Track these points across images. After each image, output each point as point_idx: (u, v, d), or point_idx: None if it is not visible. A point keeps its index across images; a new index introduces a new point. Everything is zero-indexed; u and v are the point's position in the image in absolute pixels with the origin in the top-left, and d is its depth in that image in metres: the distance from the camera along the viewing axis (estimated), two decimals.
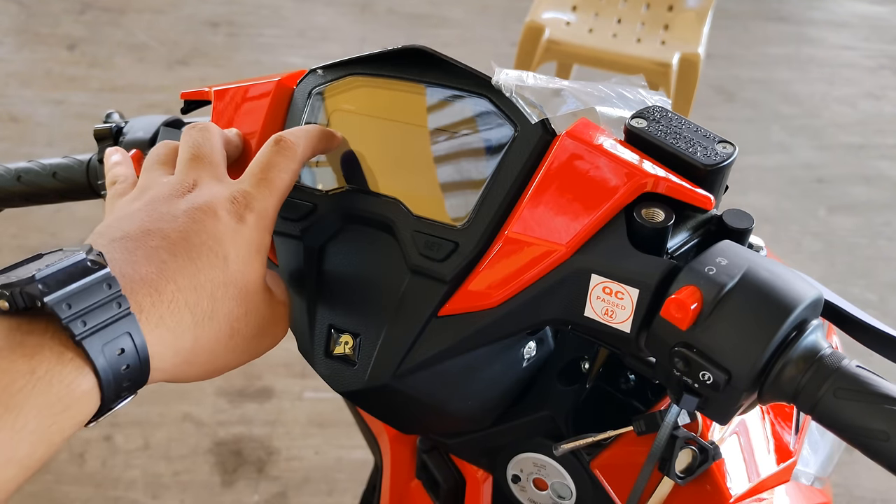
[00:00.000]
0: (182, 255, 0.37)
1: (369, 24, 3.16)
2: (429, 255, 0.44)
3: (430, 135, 0.47)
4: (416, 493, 0.62)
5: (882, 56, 3.25)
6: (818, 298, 0.38)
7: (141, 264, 0.36)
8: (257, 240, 0.41)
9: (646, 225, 0.39)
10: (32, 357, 0.31)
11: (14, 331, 0.32)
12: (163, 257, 0.37)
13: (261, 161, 0.43)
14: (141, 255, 0.36)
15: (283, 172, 0.43)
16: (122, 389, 0.34)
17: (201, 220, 0.39)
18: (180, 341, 0.36)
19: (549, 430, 0.52)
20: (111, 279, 0.33)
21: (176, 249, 0.37)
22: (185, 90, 0.58)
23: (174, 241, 0.38)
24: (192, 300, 0.37)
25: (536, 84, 0.46)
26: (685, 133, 0.43)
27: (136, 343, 0.33)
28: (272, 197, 0.42)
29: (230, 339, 0.39)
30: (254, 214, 0.41)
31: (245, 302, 0.40)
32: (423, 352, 0.44)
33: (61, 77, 2.69)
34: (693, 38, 2.07)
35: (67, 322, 0.31)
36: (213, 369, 0.40)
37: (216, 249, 0.38)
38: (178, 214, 0.39)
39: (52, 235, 2.06)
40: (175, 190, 0.41)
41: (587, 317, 0.41)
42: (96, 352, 0.32)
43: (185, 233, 0.38)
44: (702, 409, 0.39)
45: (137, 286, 0.35)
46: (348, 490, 1.55)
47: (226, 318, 0.39)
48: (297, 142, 0.44)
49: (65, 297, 0.32)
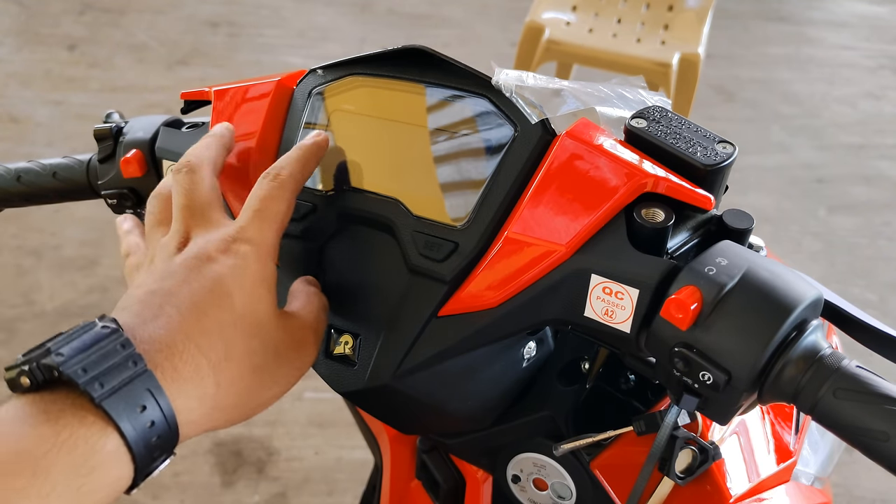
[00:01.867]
0: (186, 305, 0.37)
1: (369, 24, 3.16)
2: (429, 256, 0.44)
3: (430, 135, 0.47)
4: (416, 493, 0.62)
5: (882, 56, 3.25)
6: (818, 298, 0.38)
7: (149, 323, 0.36)
8: (258, 271, 0.40)
9: (646, 225, 0.39)
10: (56, 423, 0.31)
11: (37, 403, 0.32)
12: (169, 312, 0.37)
13: (253, 196, 0.43)
14: (149, 314, 0.37)
15: (276, 201, 0.42)
16: (153, 448, 0.34)
17: (198, 267, 0.39)
18: (202, 388, 0.36)
19: (549, 430, 0.52)
20: (125, 341, 0.34)
21: (180, 301, 0.37)
22: (185, 90, 0.58)
23: (177, 294, 0.38)
24: (205, 345, 0.37)
25: (536, 84, 0.46)
26: (685, 133, 0.43)
27: (157, 399, 0.34)
28: (267, 226, 0.42)
29: (253, 374, 0.39)
30: (250, 246, 0.40)
31: (259, 335, 0.39)
32: (423, 352, 0.44)
33: (61, 77, 2.69)
34: (693, 38, 2.07)
35: (85, 386, 0.32)
36: (250, 408, 0.40)
37: (217, 290, 0.38)
38: (176, 269, 0.39)
39: (52, 235, 2.07)
40: (171, 248, 0.41)
41: (587, 317, 0.41)
42: (118, 412, 0.32)
43: (185, 283, 0.38)
44: (702, 409, 0.39)
45: (149, 344, 0.35)
46: (348, 490, 1.55)
47: (244, 356, 0.38)
48: (282, 171, 0.44)
49: (80, 362, 0.32)
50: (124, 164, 0.57)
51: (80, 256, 2.02)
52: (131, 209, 0.60)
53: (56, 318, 1.84)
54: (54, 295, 1.91)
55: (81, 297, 1.91)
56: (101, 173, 0.61)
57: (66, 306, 1.88)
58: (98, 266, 1.99)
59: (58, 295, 1.91)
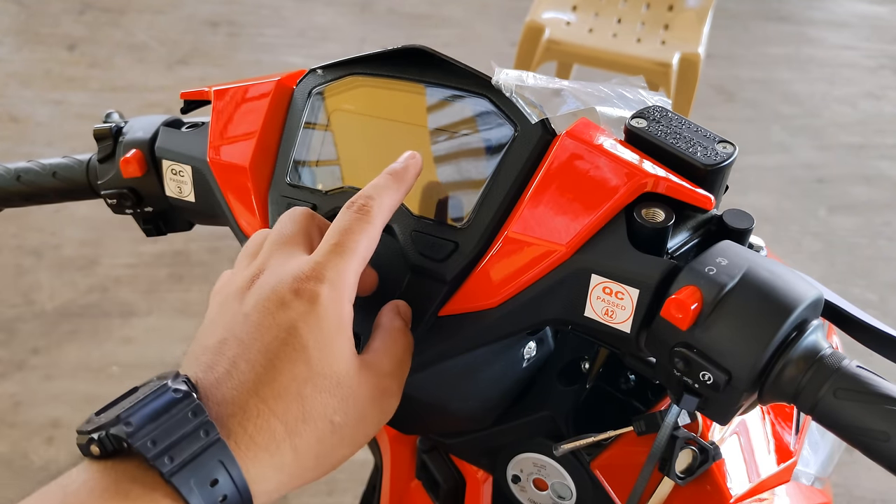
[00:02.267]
0: (259, 360, 0.34)
1: (369, 24, 3.16)
2: (429, 255, 0.44)
3: (430, 135, 0.47)
4: (416, 493, 0.62)
5: (882, 56, 3.25)
6: (818, 298, 0.38)
7: (223, 382, 0.34)
8: (335, 315, 0.36)
9: (646, 225, 0.39)
10: (126, 497, 0.30)
11: (106, 474, 0.31)
12: (241, 368, 0.34)
13: (334, 228, 0.39)
14: (221, 370, 0.34)
15: (359, 235, 0.38)
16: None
17: (271, 311, 0.36)
18: (278, 456, 0.34)
19: (549, 430, 0.52)
20: (196, 407, 0.32)
21: (251, 355, 0.35)
22: (185, 90, 0.58)
23: (248, 346, 0.35)
24: (280, 408, 0.34)
25: (536, 84, 0.46)
26: (685, 133, 0.43)
27: (229, 471, 0.32)
28: (346, 263, 0.38)
29: (332, 434, 0.36)
30: (326, 286, 0.36)
31: (339, 391, 0.36)
32: (422, 352, 0.44)
33: (61, 77, 2.69)
34: (693, 37, 2.07)
35: (154, 460, 0.30)
36: (326, 469, 0.37)
37: (291, 343, 0.35)
38: (249, 312, 0.36)
39: (52, 235, 2.07)
40: (244, 283, 0.38)
41: (587, 317, 0.41)
42: (188, 488, 0.30)
43: (258, 333, 0.35)
44: (702, 409, 0.39)
45: (221, 408, 0.33)
46: (348, 490, 1.55)
47: (321, 416, 0.35)
48: (369, 201, 0.40)
49: (149, 433, 0.31)
50: (124, 163, 0.57)
51: (80, 256, 2.02)
52: (131, 209, 0.60)
53: (56, 317, 1.84)
54: (54, 294, 1.91)
55: (81, 296, 1.91)
56: (100, 173, 0.61)
57: (66, 306, 1.88)
58: (98, 266, 1.99)
59: (58, 294, 1.91)
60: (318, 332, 0.36)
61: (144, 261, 2.01)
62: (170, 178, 0.57)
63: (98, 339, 1.79)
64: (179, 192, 0.57)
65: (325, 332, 0.36)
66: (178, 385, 0.33)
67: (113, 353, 1.76)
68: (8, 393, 1.66)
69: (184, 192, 0.57)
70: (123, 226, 2.01)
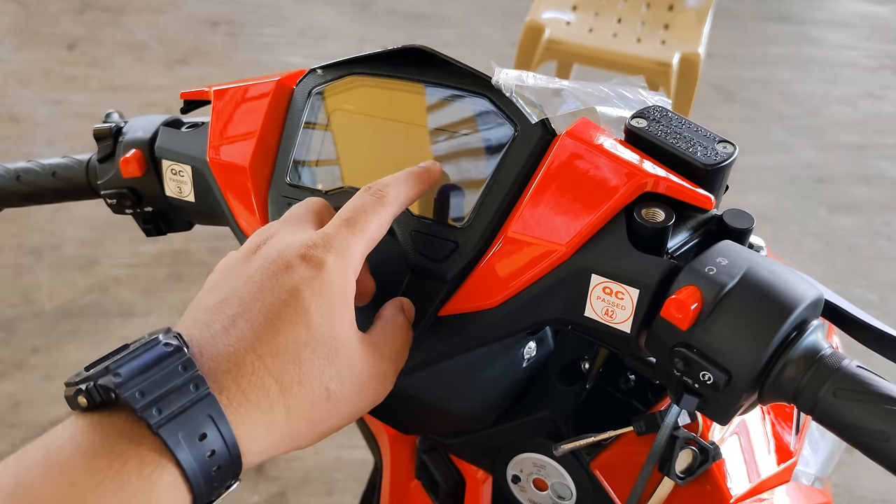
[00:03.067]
0: (259, 319, 0.34)
1: (369, 24, 3.16)
2: (429, 255, 0.44)
3: (429, 134, 0.47)
4: (415, 493, 0.62)
5: (882, 56, 3.25)
6: (818, 298, 0.38)
7: (219, 338, 0.34)
8: (339, 285, 0.36)
9: (646, 225, 0.39)
10: (110, 452, 0.29)
11: (92, 428, 0.30)
12: (240, 325, 0.34)
13: (348, 206, 0.40)
14: (219, 327, 0.34)
15: (371, 215, 0.39)
16: (212, 479, 0.31)
17: (275, 273, 0.36)
18: (270, 415, 0.33)
19: (549, 430, 0.52)
20: (187, 361, 0.32)
21: (252, 314, 0.35)
22: (185, 90, 0.58)
23: (249, 305, 0.35)
24: (276, 368, 0.34)
25: (536, 84, 0.46)
26: (685, 133, 0.43)
27: (219, 427, 0.31)
28: (356, 238, 0.38)
29: (327, 402, 0.36)
30: (332, 254, 0.36)
31: (337, 358, 0.36)
32: (422, 352, 0.44)
33: (61, 77, 2.69)
34: (693, 37, 2.07)
35: (142, 412, 0.30)
36: (316, 436, 0.37)
37: (294, 304, 0.35)
38: (252, 273, 0.36)
39: (52, 235, 2.07)
40: (250, 248, 0.38)
41: (587, 317, 0.41)
42: (175, 441, 0.30)
43: (260, 294, 0.35)
44: (702, 409, 0.39)
45: (216, 364, 0.33)
46: (348, 490, 1.55)
47: (317, 380, 0.35)
48: (386, 188, 0.41)
49: (138, 384, 0.30)
50: (124, 163, 0.57)
51: (80, 256, 2.02)
52: (131, 209, 0.60)
53: (55, 317, 1.84)
54: (54, 294, 1.91)
55: (81, 296, 1.91)
56: (100, 173, 0.61)
57: (66, 306, 1.88)
58: (97, 265, 1.99)
59: (57, 294, 1.91)
60: (322, 298, 0.36)
61: (144, 260, 2.01)
62: (169, 178, 0.57)
63: (98, 339, 1.79)
64: (179, 191, 0.57)
65: (328, 299, 0.36)
66: (169, 339, 0.32)
67: None
68: (8, 393, 1.66)
69: (183, 192, 0.57)
70: (123, 226, 2.01)
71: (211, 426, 0.31)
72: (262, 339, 0.34)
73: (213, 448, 0.31)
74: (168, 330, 0.33)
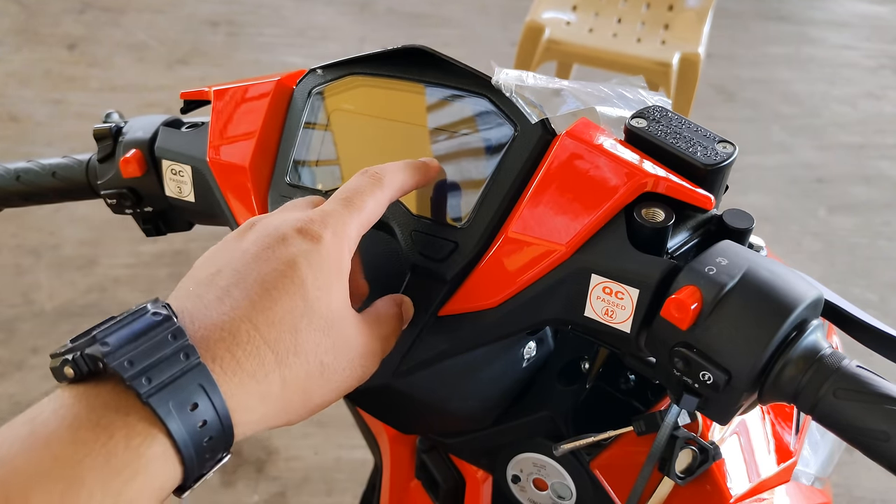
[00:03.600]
0: (255, 289, 0.34)
1: (369, 24, 3.16)
2: (428, 255, 0.44)
3: (429, 134, 0.47)
4: (415, 493, 0.62)
5: (882, 56, 3.25)
6: (818, 298, 0.38)
7: (212, 307, 0.33)
8: (335, 259, 0.36)
9: (646, 225, 0.39)
10: (97, 424, 0.29)
11: (78, 400, 0.29)
12: (234, 295, 0.34)
13: (345, 187, 0.40)
14: (212, 297, 0.34)
15: (368, 197, 0.39)
16: (204, 450, 0.31)
17: (271, 246, 0.36)
18: (265, 385, 0.33)
19: (549, 430, 0.52)
20: (176, 330, 0.31)
21: (248, 284, 0.34)
22: (185, 90, 0.58)
23: (244, 275, 0.34)
24: (272, 337, 0.33)
25: (536, 84, 0.46)
26: (685, 133, 0.43)
27: (210, 396, 0.31)
28: (352, 217, 0.38)
29: (321, 375, 0.36)
30: (329, 231, 0.37)
31: (332, 331, 0.36)
32: (422, 351, 0.44)
33: (61, 77, 2.69)
34: (693, 37, 2.07)
35: (131, 381, 0.29)
36: (309, 409, 0.36)
37: (290, 275, 0.35)
38: (248, 247, 0.36)
39: (51, 235, 2.07)
40: (244, 227, 0.38)
41: (587, 317, 0.41)
42: (165, 410, 0.29)
43: (255, 264, 0.35)
44: (702, 409, 0.39)
45: (210, 333, 0.32)
46: (348, 490, 1.55)
47: (313, 352, 0.35)
48: (383, 172, 0.41)
49: (126, 353, 0.30)
50: (124, 163, 0.57)
51: (79, 256, 2.02)
52: (131, 209, 0.60)
53: (55, 317, 1.84)
54: (53, 294, 1.91)
55: (80, 296, 1.91)
56: (100, 173, 0.61)
57: (66, 306, 1.88)
58: (97, 265, 1.99)
59: (57, 294, 1.91)
60: (319, 271, 0.36)
61: (144, 261, 2.01)
62: (169, 178, 0.57)
63: None
64: (179, 191, 0.57)
65: (324, 272, 0.36)
66: (158, 309, 0.32)
67: None
68: (8, 393, 1.66)
69: (183, 192, 0.57)
70: (123, 226, 2.01)
71: (202, 396, 0.31)
72: (258, 308, 0.33)
73: (205, 418, 0.31)
74: (156, 300, 0.33)
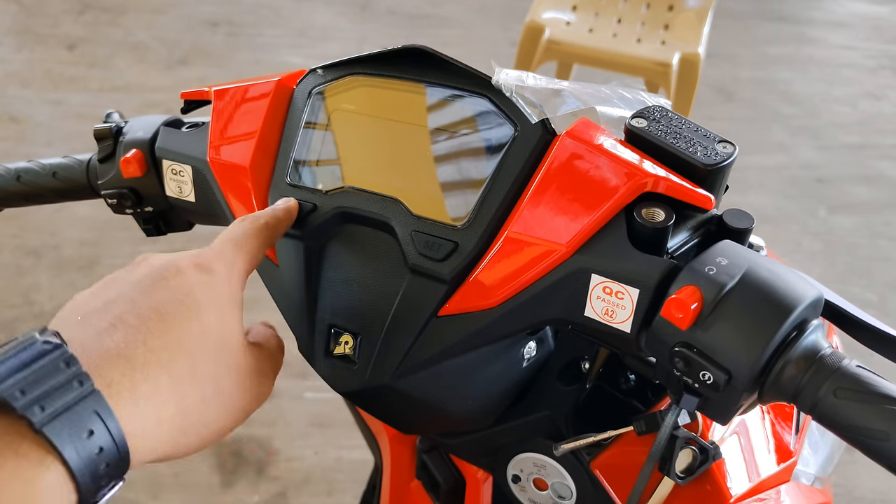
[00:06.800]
0: (150, 315, 0.34)
1: (369, 24, 3.16)
2: (428, 255, 0.44)
3: (430, 134, 0.47)
4: (416, 493, 0.62)
5: (882, 56, 3.25)
6: (818, 298, 0.38)
7: (106, 334, 0.33)
8: (229, 292, 0.38)
9: (646, 225, 0.39)
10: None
11: None
12: (129, 322, 0.34)
13: (229, 229, 0.42)
14: (104, 325, 0.33)
15: (251, 237, 0.42)
16: (100, 476, 0.30)
17: (166, 276, 0.36)
18: (162, 409, 0.33)
19: (549, 430, 0.52)
20: (69, 357, 0.30)
21: (142, 310, 0.34)
22: (185, 90, 0.58)
23: (138, 303, 0.35)
24: (167, 359, 0.33)
25: (536, 84, 0.46)
26: (685, 133, 0.43)
27: (105, 422, 0.30)
28: (240, 256, 0.40)
29: (217, 397, 0.36)
30: (222, 264, 0.38)
31: (226, 356, 0.37)
32: (422, 351, 0.44)
33: (61, 77, 2.69)
34: (693, 38, 2.07)
35: (23, 410, 0.28)
36: (209, 435, 0.36)
37: (186, 302, 0.35)
38: (141, 278, 0.36)
39: (52, 235, 2.07)
40: (132, 264, 0.39)
41: (587, 316, 0.41)
42: (60, 438, 0.29)
43: (149, 294, 0.35)
44: (702, 409, 0.39)
45: (103, 359, 0.32)
46: (348, 490, 1.55)
47: (209, 375, 0.35)
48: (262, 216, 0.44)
49: (18, 383, 0.29)
50: (124, 163, 0.57)
51: (80, 256, 2.02)
52: (131, 209, 0.60)
53: None
54: (54, 295, 1.91)
55: None
56: (100, 173, 0.61)
57: None
58: (97, 266, 1.99)
59: (57, 295, 1.91)
60: (214, 299, 0.37)
61: None
62: (170, 178, 0.57)
63: None
64: (179, 191, 0.57)
65: (220, 301, 0.37)
66: (48, 337, 0.31)
67: None
68: None
69: (184, 192, 0.57)
70: (123, 226, 2.01)
71: (98, 422, 0.30)
72: (154, 333, 0.34)
73: (101, 444, 0.30)
74: (44, 329, 0.32)
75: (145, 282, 0.36)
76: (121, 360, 0.32)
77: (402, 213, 0.46)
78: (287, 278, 0.49)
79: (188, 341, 0.35)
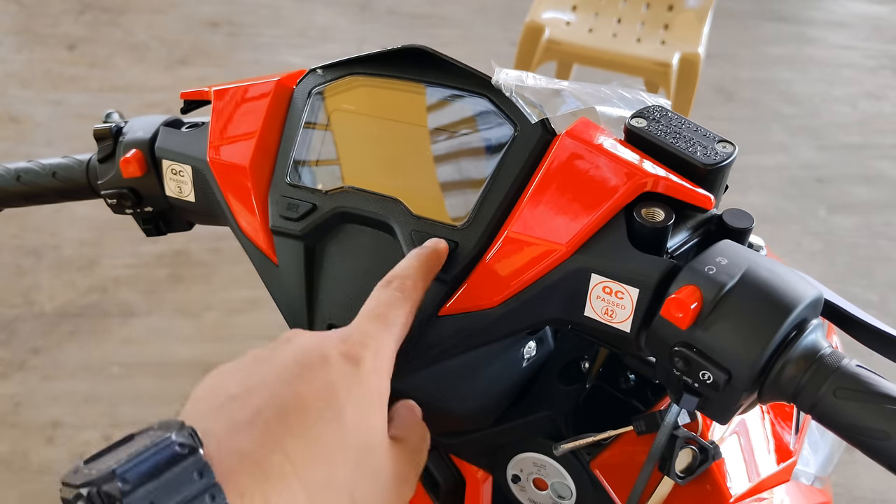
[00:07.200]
0: (291, 415, 0.32)
1: (369, 24, 3.16)
2: None
3: (430, 134, 0.47)
4: (416, 492, 0.62)
5: (882, 56, 3.25)
6: (818, 298, 0.38)
7: (242, 432, 0.31)
8: (377, 387, 0.35)
9: (646, 224, 0.39)
10: None
11: None
12: (267, 419, 0.31)
13: (373, 300, 0.39)
14: (243, 419, 0.31)
15: (398, 310, 0.38)
16: None
17: (311, 366, 0.34)
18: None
19: (549, 430, 0.52)
20: (203, 466, 0.28)
21: (283, 407, 0.32)
22: (185, 90, 0.58)
23: (281, 397, 0.32)
24: (304, 471, 0.31)
25: (536, 84, 0.46)
26: (685, 133, 0.43)
27: None
28: (388, 335, 0.37)
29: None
30: (370, 353, 0.35)
31: (367, 465, 0.34)
32: (422, 351, 0.44)
33: (61, 77, 2.69)
34: (693, 37, 2.07)
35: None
36: None
37: (331, 403, 0.33)
38: (287, 363, 0.34)
39: (52, 235, 2.06)
40: (279, 340, 0.36)
41: (587, 316, 0.41)
42: None
43: (293, 385, 0.33)
44: (702, 408, 0.39)
45: (237, 464, 0.30)
46: None
47: (345, 487, 0.33)
48: (407, 279, 0.40)
49: (148, 495, 0.27)
50: (124, 163, 0.57)
51: (80, 256, 2.01)
52: (131, 209, 0.60)
53: (55, 318, 1.84)
54: (54, 295, 1.91)
55: (81, 297, 1.90)
56: (100, 173, 0.61)
57: (66, 306, 1.88)
58: (98, 266, 1.99)
59: (57, 295, 1.91)
60: (358, 399, 0.34)
61: (144, 261, 2.01)
62: (170, 178, 0.57)
63: (98, 340, 1.79)
64: (179, 192, 0.57)
65: (364, 400, 0.34)
66: (182, 438, 0.29)
67: (113, 354, 1.76)
68: (8, 393, 1.66)
69: (184, 192, 0.57)
70: (123, 226, 2.00)
71: None
72: (291, 438, 0.31)
73: None
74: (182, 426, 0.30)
75: (290, 370, 0.34)
76: (254, 467, 0.30)
77: (401, 213, 0.46)
78: (287, 278, 0.49)
79: (328, 448, 0.32)
